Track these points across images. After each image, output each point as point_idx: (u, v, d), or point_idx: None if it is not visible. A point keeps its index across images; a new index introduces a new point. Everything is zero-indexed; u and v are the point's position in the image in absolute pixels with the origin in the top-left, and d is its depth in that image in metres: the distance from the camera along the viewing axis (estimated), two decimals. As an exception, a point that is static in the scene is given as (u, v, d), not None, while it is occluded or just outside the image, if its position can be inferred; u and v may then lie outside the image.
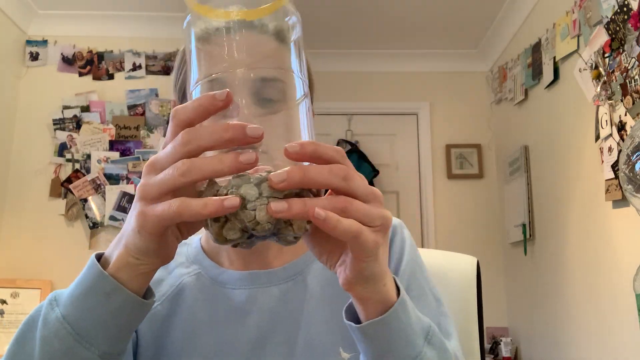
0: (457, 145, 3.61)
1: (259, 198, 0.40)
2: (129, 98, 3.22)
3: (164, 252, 0.48)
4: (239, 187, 0.41)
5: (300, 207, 0.40)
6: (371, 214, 0.43)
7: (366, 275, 0.46)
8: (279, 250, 0.74)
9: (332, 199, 0.42)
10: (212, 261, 0.75)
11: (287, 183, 0.40)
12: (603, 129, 2.10)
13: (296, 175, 0.40)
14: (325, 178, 0.42)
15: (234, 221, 0.41)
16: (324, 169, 0.42)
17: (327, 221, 0.41)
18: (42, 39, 3.27)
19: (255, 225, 0.41)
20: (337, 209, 0.42)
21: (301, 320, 0.69)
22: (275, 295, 0.71)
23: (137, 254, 0.47)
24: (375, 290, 0.48)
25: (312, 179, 0.41)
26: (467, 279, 0.91)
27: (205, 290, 0.72)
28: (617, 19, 1.99)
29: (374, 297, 0.49)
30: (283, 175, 0.40)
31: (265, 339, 0.69)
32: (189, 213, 0.40)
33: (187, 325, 0.70)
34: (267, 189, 0.41)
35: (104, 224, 3.05)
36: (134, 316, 0.50)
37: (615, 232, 2.08)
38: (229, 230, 0.42)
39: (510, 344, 3.09)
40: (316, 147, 0.42)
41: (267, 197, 0.40)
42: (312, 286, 0.72)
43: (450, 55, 3.67)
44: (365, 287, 0.48)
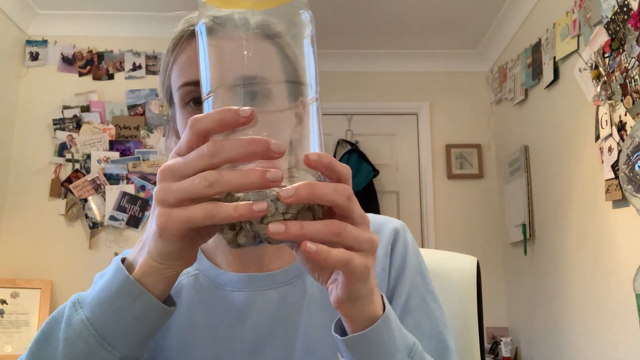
0: (457, 145, 3.61)
1: (275, 214, 0.43)
2: (129, 98, 3.22)
3: (187, 254, 0.49)
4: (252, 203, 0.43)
5: (296, 231, 0.42)
6: (361, 238, 0.46)
7: (355, 295, 0.49)
8: (277, 253, 0.74)
9: (328, 223, 0.44)
10: (210, 262, 0.75)
11: (295, 198, 0.42)
12: (603, 129, 2.10)
13: (304, 191, 0.42)
14: (330, 195, 0.44)
15: (249, 230, 0.44)
16: (329, 187, 0.44)
17: (318, 254, 0.43)
18: (42, 39, 3.27)
19: (268, 238, 0.44)
20: (331, 233, 0.44)
21: (300, 324, 0.69)
22: (274, 298, 0.71)
23: (160, 259, 0.48)
24: (362, 309, 0.50)
25: (319, 195, 0.43)
26: (467, 279, 0.91)
27: (203, 292, 0.72)
28: (617, 19, 1.99)
29: (361, 316, 0.51)
30: (291, 192, 0.42)
31: (264, 343, 0.68)
32: (221, 216, 0.42)
33: (185, 327, 0.70)
34: (282, 205, 0.43)
35: (104, 224, 3.05)
36: (156, 322, 0.51)
37: (615, 232, 2.08)
38: (242, 237, 0.45)
39: (510, 344, 3.09)
40: (331, 160, 0.45)
41: (283, 213, 0.43)
42: (311, 290, 0.71)
43: (450, 55, 3.67)
44: (353, 306, 0.50)
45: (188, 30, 0.69)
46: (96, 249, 3.03)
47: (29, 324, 2.82)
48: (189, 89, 0.67)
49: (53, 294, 2.90)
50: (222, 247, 0.75)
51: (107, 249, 3.01)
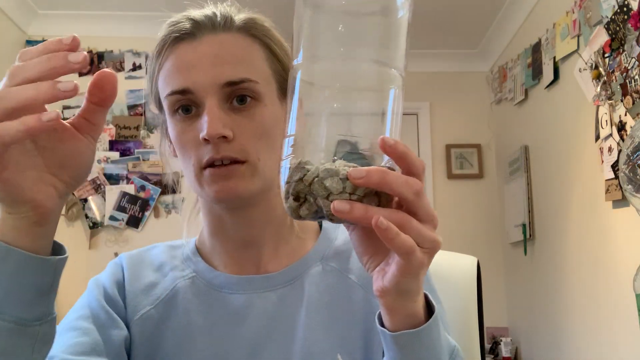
0: (457, 145, 3.61)
1: (342, 193, 0.43)
2: (129, 98, 3.22)
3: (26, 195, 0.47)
4: (324, 179, 0.43)
5: (360, 213, 0.42)
6: (424, 235, 0.45)
7: (402, 289, 0.48)
8: (275, 254, 0.73)
9: (393, 212, 0.44)
10: (207, 264, 0.74)
11: (365, 181, 0.42)
12: (603, 129, 2.10)
13: (375, 176, 0.42)
14: (399, 186, 0.43)
15: (312, 204, 0.45)
16: (401, 178, 0.43)
17: (388, 231, 0.42)
18: (42, 39, 3.27)
19: (330, 215, 0.44)
20: (395, 222, 0.43)
21: (299, 326, 0.69)
22: (272, 300, 0.70)
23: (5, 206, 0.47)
24: (405, 305, 0.50)
25: (388, 183, 0.43)
26: (468, 279, 0.91)
27: (200, 295, 0.72)
28: (617, 19, 1.99)
29: (402, 311, 0.50)
30: (362, 173, 0.42)
31: (262, 345, 0.68)
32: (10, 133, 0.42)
33: (182, 330, 0.69)
34: (350, 185, 0.43)
35: (104, 224, 3.05)
36: (38, 275, 0.49)
37: (615, 232, 2.08)
38: (305, 209, 0.45)
39: (510, 344, 3.09)
40: (407, 151, 0.44)
41: (350, 193, 0.43)
42: (309, 292, 0.71)
43: (450, 55, 3.67)
44: (397, 299, 0.49)
45: (171, 37, 0.68)
46: (96, 249, 3.03)
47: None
48: (176, 98, 0.66)
49: (53, 294, 2.91)
50: (219, 249, 0.74)
51: (107, 249, 3.01)
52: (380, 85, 0.47)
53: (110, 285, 0.72)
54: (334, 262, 0.74)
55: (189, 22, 0.68)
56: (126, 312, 0.71)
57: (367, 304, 0.70)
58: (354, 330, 0.69)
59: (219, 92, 0.65)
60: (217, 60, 0.65)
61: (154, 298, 0.72)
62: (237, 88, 0.65)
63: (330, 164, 0.44)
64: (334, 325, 0.69)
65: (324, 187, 0.43)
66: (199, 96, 0.65)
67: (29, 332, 0.49)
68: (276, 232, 0.73)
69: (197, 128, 0.65)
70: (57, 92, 0.43)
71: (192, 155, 0.66)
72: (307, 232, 0.77)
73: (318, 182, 0.43)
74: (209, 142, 0.63)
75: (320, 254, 0.74)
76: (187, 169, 0.67)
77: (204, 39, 0.67)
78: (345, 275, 0.73)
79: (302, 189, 0.44)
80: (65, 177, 0.49)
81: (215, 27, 0.68)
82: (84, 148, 0.50)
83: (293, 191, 0.45)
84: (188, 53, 0.67)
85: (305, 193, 0.44)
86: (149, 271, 0.75)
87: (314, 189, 0.44)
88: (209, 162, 0.64)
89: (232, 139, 0.64)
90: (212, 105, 0.64)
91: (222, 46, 0.67)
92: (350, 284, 0.72)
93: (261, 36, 0.70)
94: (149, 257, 0.77)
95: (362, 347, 0.68)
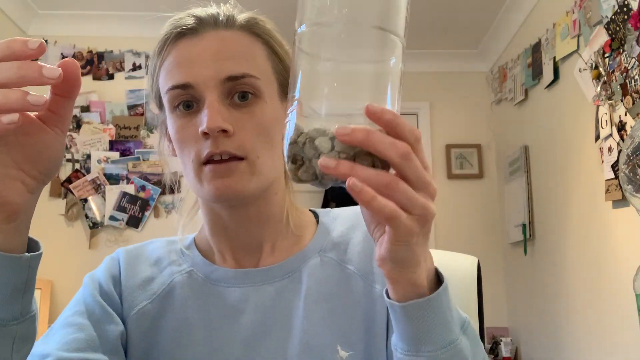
0: (457, 145, 3.61)
1: (330, 151, 0.43)
2: (129, 98, 3.22)
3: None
4: (314, 138, 0.43)
5: (345, 170, 0.41)
6: (413, 200, 0.43)
7: (396, 257, 0.47)
8: (272, 249, 0.73)
9: (380, 174, 0.42)
10: (204, 258, 0.74)
11: (350, 138, 0.41)
12: (603, 129, 2.10)
13: (359, 135, 0.41)
14: (384, 147, 0.42)
15: (309, 166, 0.44)
16: (386, 139, 0.42)
17: (362, 194, 0.41)
18: (42, 39, 3.26)
19: (322, 175, 0.44)
20: (381, 183, 0.42)
21: (296, 318, 0.68)
22: (270, 293, 0.70)
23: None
24: (405, 275, 0.49)
25: (373, 143, 0.42)
26: (468, 279, 0.91)
27: (197, 289, 0.71)
28: (617, 19, 1.99)
29: (403, 280, 0.49)
30: (347, 130, 0.41)
31: (260, 338, 0.67)
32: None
33: (179, 324, 0.69)
34: (340, 144, 0.43)
35: (104, 224, 3.05)
36: (12, 273, 0.48)
37: (615, 232, 2.08)
38: (303, 172, 0.45)
39: (510, 344, 3.09)
40: (395, 117, 0.43)
41: (338, 152, 0.43)
42: (308, 284, 0.70)
43: (450, 55, 3.67)
44: (395, 268, 0.48)
45: (173, 33, 0.68)
46: (96, 249, 3.03)
47: (29, 324, 2.82)
48: (176, 93, 0.66)
49: (53, 294, 2.90)
50: (217, 246, 0.74)
51: (107, 249, 3.01)
52: (381, 52, 0.46)
53: (106, 280, 0.72)
54: (331, 254, 0.74)
55: (192, 19, 0.68)
56: (122, 307, 0.71)
57: (367, 294, 0.70)
58: (354, 321, 0.68)
59: (220, 87, 0.65)
60: (218, 55, 0.65)
61: (151, 293, 0.72)
62: (238, 83, 0.65)
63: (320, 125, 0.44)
64: (333, 317, 0.68)
65: (314, 146, 0.43)
66: (199, 91, 0.65)
67: (6, 332, 0.49)
68: (274, 229, 0.73)
69: (197, 123, 0.65)
70: (27, 104, 0.42)
71: (192, 151, 0.65)
72: (304, 228, 0.77)
73: (309, 142, 0.43)
74: (209, 137, 0.63)
75: (318, 246, 0.74)
76: (187, 165, 0.67)
77: (205, 35, 0.67)
78: (343, 265, 0.72)
79: (297, 150, 0.44)
80: (34, 171, 0.49)
81: (218, 24, 0.68)
82: (52, 141, 0.49)
83: (289, 153, 0.45)
84: (189, 48, 0.67)
85: (301, 155, 0.44)
86: (146, 266, 0.75)
87: (305, 150, 0.44)
88: (208, 156, 0.64)
89: (232, 134, 0.64)
90: (212, 99, 0.64)
91: (224, 42, 0.67)
92: (349, 275, 0.71)
93: (263, 35, 0.70)
94: (147, 252, 0.77)
95: (362, 337, 0.67)
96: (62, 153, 0.51)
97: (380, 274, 0.71)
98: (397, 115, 0.43)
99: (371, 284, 0.70)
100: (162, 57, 0.69)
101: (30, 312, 0.51)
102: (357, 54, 0.46)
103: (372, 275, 0.71)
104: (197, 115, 0.65)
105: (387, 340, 0.68)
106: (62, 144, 0.50)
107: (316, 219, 0.79)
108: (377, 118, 0.42)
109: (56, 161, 0.50)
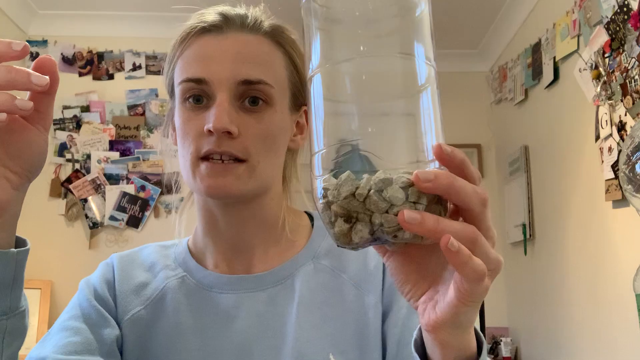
0: (457, 145, 3.59)
1: (405, 203, 0.36)
2: (129, 98, 3.22)
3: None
4: (381, 190, 0.37)
5: (432, 225, 0.36)
6: (491, 256, 0.39)
7: (460, 320, 0.41)
8: (265, 254, 0.73)
9: (466, 226, 0.38)
10: (198, 264, 0.74)
11: (433, 185, 0.37)
12: (603, 129, 2.10)
13: (444, 181, 0.37)
14: (468, 195, 0.38)
15: (367, 223, 0.37)
16: (469, 186, 0.38)
17: (460, 255, 0.36)
18: (42, 39, 3.27)
19: (396, 232, 0.37)
20: (467, 239, 0.37)
21: (290, 325, 0.68)
22: (262, 300, 0.69)
23: None
24: (460, 338, 0.43)
25: (457, 190, 0.38)
26: (468, 279, 0.91)
27: (190, 295, 0.71)
28: (617, 19, 1.99)
29: (457, 345, 0.43)
30: (431, 176, 0.36)
31: (253, 345, 0.67)
32: None
33: (172, 330, 0.69)
34: (414, 193, 0.36)
35: (104, 224, 3.05)
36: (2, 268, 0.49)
37: (615, 232, 2.08)
38: (359, 232, 0.38)
39: (510, 344, 3.09)
40: (465, 159, 0.39)
41: (414, 202, 0.36)
42: (301, 291, 0.70)
43: (450, 55, 3.67)
44: (453, 332, 0.42)
45: (198, 27, 0.68)
46: (96, 249, 3.03)
47: (29, 324, 2.82)
48: (189, 85, 0.66)
49: (53, 294, 2.90)
50: (210, 248, 0.74)
51: (107, 249, 3.01)
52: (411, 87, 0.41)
53: (100, 285, 0.72)
54: (325, 260, 0.73)
55: (219, 17, 0.69)
56: (117, 311, 0.71)
57: (359, 303, 0.69)
58: (347, 329, 0.68)
59: (234, 88, 0.65)
60: (238, 57, 0.66)
61: (145, 298, 0.71)
62: (251, 88, 0.65)
63: (382, 172, 0.37)
64: (326, 325, 0.68)
65: (383, 198, 0.36)
66: (212, 88, 0.65)
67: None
68: (268, 234, 0.73)
69: (203, 118, 0.65)
70: (14, 108, 0.43)
71: (192, 144, 0.66)
72: (299, 233, 0.76)
73: (376, 194, 0.36)
74: (212, 135, 0.64)
75: (311, 252, 0.74)
76: (184, 157, 0.68)
77: (229, 35, 0.68)
78: (337, 273, 0.72)
79: (355, 206, 0.37)
80: (17, 168, 0.49)
81: (244, 27, 0.69)
82: (35, 137, 0.50)
83: (342, 211, 0.37)
84: (211, 45, 0.67)
85: (359, 211, 0.37)
86: (140, 271, 0.74)
87: (370, 204, 0.36)
88: (207, 153, 0.64)
89: (236, 136, 0.64)
90: (223, 99, 0.64)
91: (246, 45, 0.67)
92: (343, 282, 0.71)
93: (285, 44, 0.71)
94: (140, 258, 0.77)
95: (355, 346, 0.67)
96: (45, 149, 0.51)
97: (375, 286, 0.70)
98: (464, 154, 0.39)
99: (365, 293, 0.70)
100: (183, 48, 0.69)
101: (19, 307, 0.52)
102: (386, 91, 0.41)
103: (366, 284, 0.71)
104: (205, 111, 0.66)
105: (385, 351, 0.67)
106: (44, 140, 0.51)
107: (312, 221, 0.79)
108: (449, 160, 0.38)
109: (40, 157, 0.51)
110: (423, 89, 0.41)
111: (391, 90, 0.41)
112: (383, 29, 0.42)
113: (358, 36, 0.41)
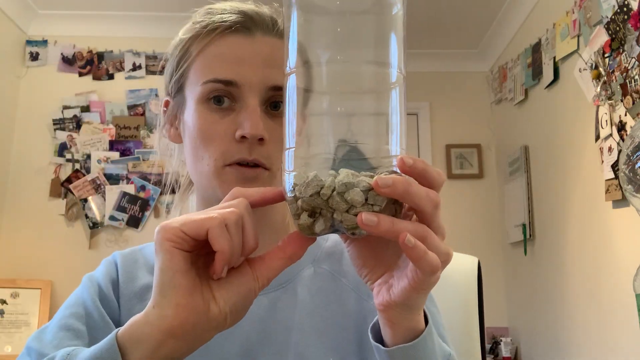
0: (457, 145, 3.61)
1: (364, 205, 0.41)
2: (129, 98, 3.22)
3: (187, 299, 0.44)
4: (344, 192, 0.41)
5: (387, 226, 0.41)
6: (440, 248, 0.43)
7: (411, 303, 0.46)
8: None
9: (418, 226, 0.42)
10: None
11: (391, 190, 0.40)
12: (603, 129, 2.10)
13: (400, 187, 0.41)
14: (421, 199, 0.42)
15: (328, 218, 0.42)
16: (422, 190, 0.42)
17: (416, 250, 0.41)
18: (42, 39, 3.27)
19: (354, 229, 0.42)
20: (419, 236, 0.42)
21: (291, 329, 0.67)
22: (264, 304, 0.69)
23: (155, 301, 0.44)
24: (409, 318, 0.48)
25: (411, 195, 0.41)
26: (468, 278, 0.91)
27: None
28: (617, 19, 1.99)
29: (406, 324, 0.48)
30: (389, 182, 0.40)
31: (255, 350, 0.66)
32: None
33: None
34: (373, 196, 0.41)
35: (104, 224, 3.05)
36: None
37: (615, 232, 2.08)
38: (320, 225, 0.43)
39: (510, 344, 3.09)
40: (426, 167, 0.43)
41: (372, 205, 0.41)
42: (302, 295, 0.70)
43: (450, 55, 3.67)
44: (403, 313, 0.47)
45: (222, 25, 0.67)
46: (96, 249, 3.03)
47: (29, 324, 2.82)
48: (216, 86, 0.65)
49: (53, 294, 2.90)
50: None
51: (107, 249, 3.01)
52: (381, 86, 0.45)
53: (105, 284, 0.71)
54: (325, 264, 0.73)
55: (243, 16, 0.67)
56: (120, 313, 0.70)
57: (359, 308, 0.69)
58: (347, 334, 0.68)
59: (263, 93, 0.64)
60: (269, 61, 0.65)
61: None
62: (279, 94, 0.65)
63: (345, 175, 0.41)
64: (326, 329, 0.68)
65: (345, 200, 0.41)
66: (242, 92, 0.64)
67: None
68: (271, 238, 0.73)
69: (230, 122, 0.64)
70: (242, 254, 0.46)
71: (217, 149, 0.65)
72: None
73: (338, 196, 0.41)
74: (244, 141, 0.63)
75: (311, 256, 0.73)
76: (203, 160, 0.66)
77: (258, 37, 0.67)
78: (337, 278, 0.72)
79: (319, 203, 0.42)
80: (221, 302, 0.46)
81: (269, 29, 0.68)
82: (249, 283, 0.47)
83: (307, 207, 0.42)
84: (242, 47, 0.66)
85: (322, 208, 0.42)
86: (143, 272, 0.74)
87: (332, 203, 0.41)
88: (239, 161, 0.64)
89: (266, 142, 0.64)
90: (255, 104, 0.64)
91: (274, 50, 0.67)
92: (343, 287, 0.71)
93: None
94: (143, 257, 0.76)
95: (355, 351, 0.67)
96: (250, 301, 0.48)
97: None
98: (426, 162, 0.43)
99: (364, 298, 0.70)
100: (204, 44, 0.67)
101: None
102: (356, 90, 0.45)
103: (365, 289, 0.70)
104: (231, 114, 0.65)
105: None
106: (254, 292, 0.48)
107: None
108: (412, 170, 0.42)
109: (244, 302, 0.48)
110: (393, 87, 0.45)
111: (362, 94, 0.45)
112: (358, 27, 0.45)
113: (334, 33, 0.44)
